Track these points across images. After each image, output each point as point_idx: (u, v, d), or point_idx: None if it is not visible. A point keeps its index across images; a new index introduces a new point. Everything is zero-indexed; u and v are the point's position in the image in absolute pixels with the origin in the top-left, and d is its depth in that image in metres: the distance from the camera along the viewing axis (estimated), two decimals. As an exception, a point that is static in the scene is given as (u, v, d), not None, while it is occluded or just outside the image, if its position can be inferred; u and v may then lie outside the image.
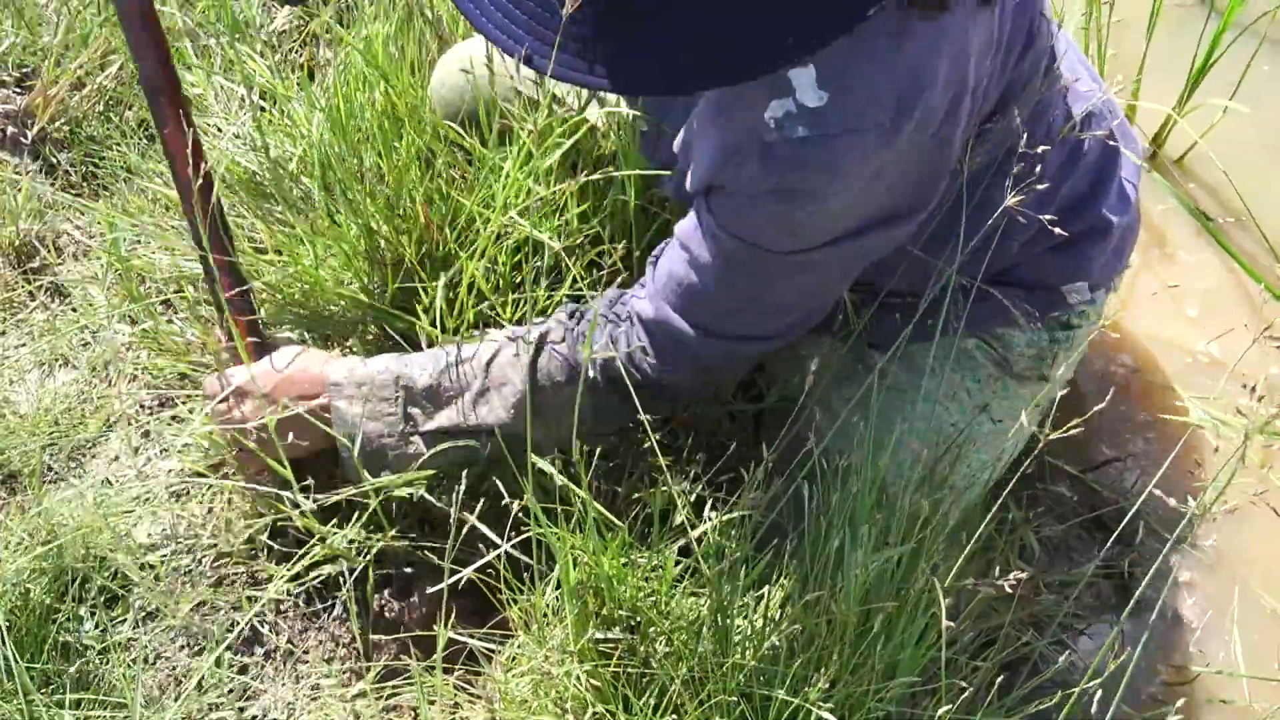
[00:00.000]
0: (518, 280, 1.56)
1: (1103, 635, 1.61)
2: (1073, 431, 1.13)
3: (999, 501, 1.27)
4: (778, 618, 1.26)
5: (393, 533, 1.42)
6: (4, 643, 1.40)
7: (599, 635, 1.28)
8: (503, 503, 1.37)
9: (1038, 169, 1.20)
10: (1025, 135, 1.22)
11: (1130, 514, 1.21)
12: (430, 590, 1.44)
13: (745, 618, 1.26)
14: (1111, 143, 1.46)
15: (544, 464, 1.26)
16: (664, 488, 1.27)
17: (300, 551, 1.44)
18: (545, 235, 1.48)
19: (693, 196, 1.27)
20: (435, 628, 1.38)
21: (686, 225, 1.30)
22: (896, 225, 1.22)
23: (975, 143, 1.26)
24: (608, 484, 1.53)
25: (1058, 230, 1.24)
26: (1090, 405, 1.82)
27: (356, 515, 1.43)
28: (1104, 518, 1.71)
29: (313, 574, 1.45)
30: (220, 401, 1.43)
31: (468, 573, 1.26)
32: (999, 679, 1.23)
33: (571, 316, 1.42)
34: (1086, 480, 1.75)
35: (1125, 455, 1.79)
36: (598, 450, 1.29)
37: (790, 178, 1.13)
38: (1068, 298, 1.50)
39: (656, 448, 1.22)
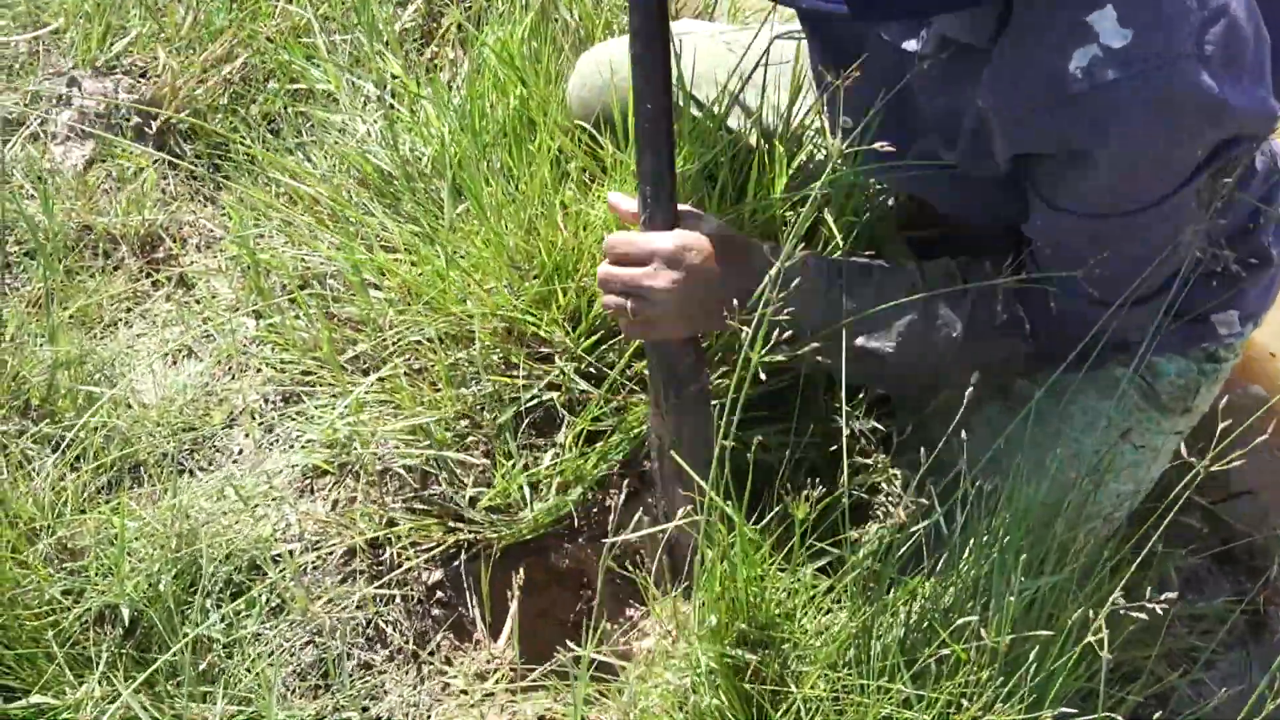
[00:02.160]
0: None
1: (1235, 670, 1.57)
2: (1214, 463, 1.12)
3: (1142, 533, 1.24)
4: (925, 641, 1.23)
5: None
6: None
7: (735, 652, 1.27)
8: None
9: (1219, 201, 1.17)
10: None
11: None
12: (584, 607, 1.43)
13: (891, 639, 1.23)
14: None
15: (693, 476, 1.25)
16: (806, 499, 1.25)
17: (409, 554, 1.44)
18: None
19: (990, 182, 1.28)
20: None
21: (1035, 214, 1.29)
22: (1236, 148, 1.18)
23: None
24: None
25: (1234, 268, 1.22)
26: (1224, 437, 1.78)
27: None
28: (1235, 551, 1.67)
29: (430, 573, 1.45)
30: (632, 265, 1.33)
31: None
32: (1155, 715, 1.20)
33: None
34: (1218, 512, 1.71)
35: (1259, 488, 1.75)
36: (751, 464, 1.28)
37: (1107, 125, 1.12)
38: (1217, 329, 1.47)
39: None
